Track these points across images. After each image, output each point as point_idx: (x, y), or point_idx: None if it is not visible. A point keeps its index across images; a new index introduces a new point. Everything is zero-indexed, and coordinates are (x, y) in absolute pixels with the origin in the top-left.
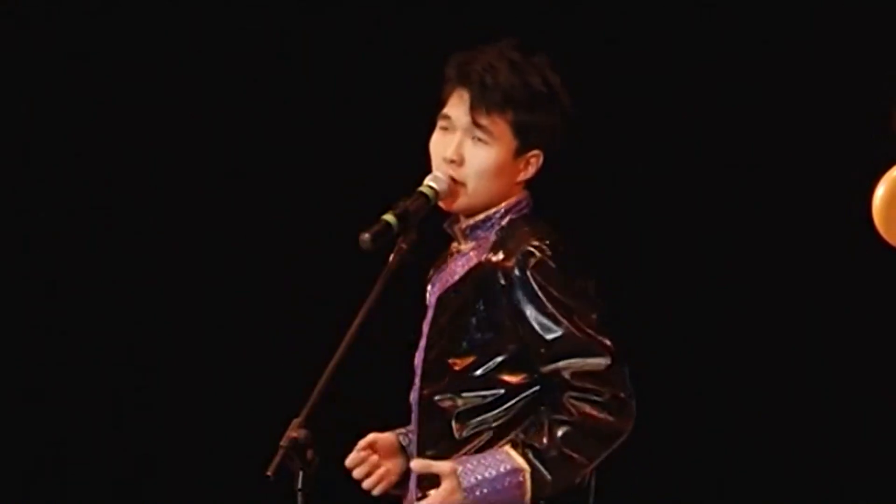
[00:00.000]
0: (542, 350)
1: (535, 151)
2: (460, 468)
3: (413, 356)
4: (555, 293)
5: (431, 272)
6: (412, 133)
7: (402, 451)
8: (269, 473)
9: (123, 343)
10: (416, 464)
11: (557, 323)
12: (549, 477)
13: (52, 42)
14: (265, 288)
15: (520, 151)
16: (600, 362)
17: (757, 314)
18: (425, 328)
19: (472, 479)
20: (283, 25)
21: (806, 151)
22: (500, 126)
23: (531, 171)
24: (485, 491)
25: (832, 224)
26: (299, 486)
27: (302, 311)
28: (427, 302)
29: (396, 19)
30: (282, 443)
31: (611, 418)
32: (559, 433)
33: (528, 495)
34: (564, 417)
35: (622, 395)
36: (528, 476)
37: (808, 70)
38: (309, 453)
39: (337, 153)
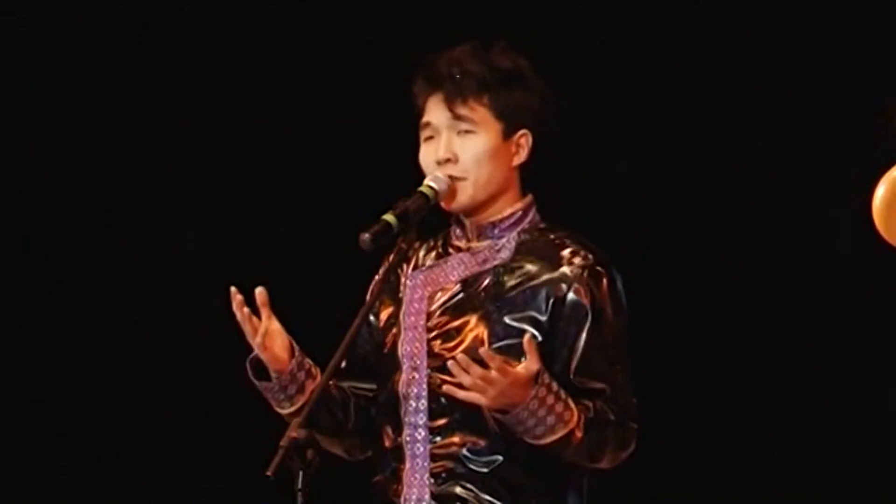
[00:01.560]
0: (589, 363)
1: (523, 131)
2: (546, 375)
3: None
4: (617, 314)
5: (398, 262)
6: (414, 133)
7: (290, 356)
8: (269, 473)
9: (124, 342)
10: (486, 353)
11: (611, 345)
12: (583, 434)
13: (51, 41)
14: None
15: (507, 133)
16: (632, 398)
17: (756, 315)
18: (416, 320)
19: (543, 389)
20: (284, 23)
21: (806, 151)
22: (480, 112)
23: (523, 153)
24: (542, 398)
25: (832, 224)
26: (299, 486)
27: (302, 311)
28: (401, 294)
29: (399, 18)
30: (282, 443)
31: (629, 443)
32: (603, 413)
33: (562, 432)
34: (603, 409)
35: (637, 433)
36: (574, 417)
37: (809, 70)
38: (309, 453)
39: (337, 153)
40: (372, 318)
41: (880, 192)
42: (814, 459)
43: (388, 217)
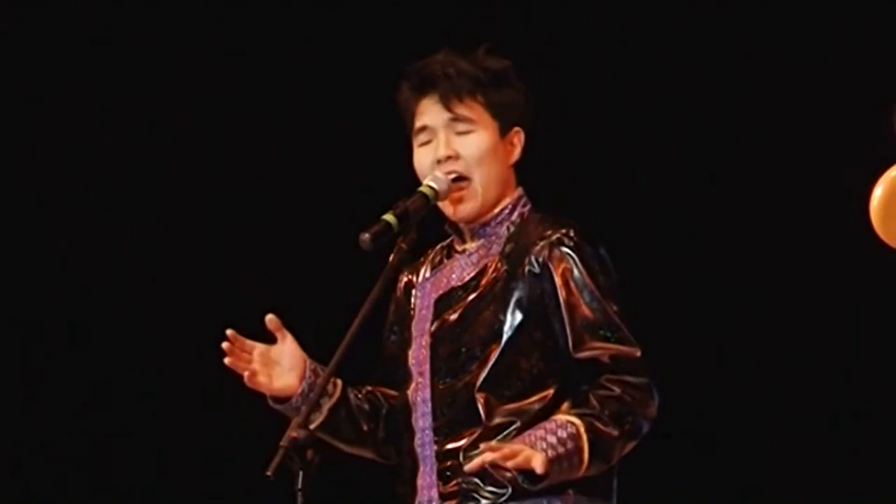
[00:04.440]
0: (580, 330)
1: (516, 129)
2: (529, 440)
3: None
4: (596, 275)
5: (411, 275)
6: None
7: (301, 377)
8: (269, 473)
9: (124, 342)
10: (483, 459)
11: (598, 304)
12: (598, 440)
13: (50, 40)
14: (265, 288)
15: (502, 131)
16: (634, 351)
17: (755, 315)
18: (423, 327)
19: (544, 444)
20: (285, 22)
21: (805, 151)
22: (477, 110)
23: (517, 150)
24: (554, 452)
25: (831, 224)
26: (299, 486)
27: (302, 311)
28: (412, 305)
29: (399, 18)
30: (282, 443)
31: (649, 401)
32: (605, 402)
33: (586, 453)
34: (607, 392)
35: (651, 384)
36: (583, 431)
37: (808, 70)
38: (309, 453)
39: (337, 153)
40: (392, 337)
41: (878, 192)
42: (814, 459)
43: (388, 217)
